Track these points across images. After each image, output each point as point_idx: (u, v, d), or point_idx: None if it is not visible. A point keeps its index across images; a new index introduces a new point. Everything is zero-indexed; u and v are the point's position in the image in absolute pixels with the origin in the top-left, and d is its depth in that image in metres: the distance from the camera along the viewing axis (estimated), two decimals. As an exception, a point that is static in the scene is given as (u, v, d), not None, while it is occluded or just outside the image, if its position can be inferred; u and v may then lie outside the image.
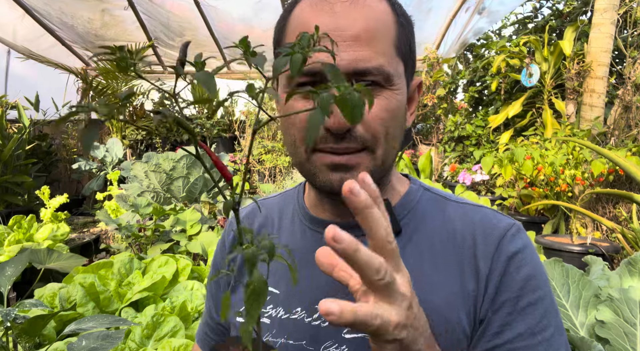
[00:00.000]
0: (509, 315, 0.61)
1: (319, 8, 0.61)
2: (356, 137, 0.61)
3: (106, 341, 0.88)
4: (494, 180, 4.39)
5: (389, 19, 0.62)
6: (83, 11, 5.78)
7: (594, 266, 1.73)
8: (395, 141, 0.64)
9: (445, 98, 5.59)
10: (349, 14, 0.59)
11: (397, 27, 0.63)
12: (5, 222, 3.21)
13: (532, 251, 0.65)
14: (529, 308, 0.61)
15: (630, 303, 1.35)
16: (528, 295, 0.61)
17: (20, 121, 5.06)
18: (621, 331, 1.33)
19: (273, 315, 0.69)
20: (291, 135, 0.65)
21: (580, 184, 3.59)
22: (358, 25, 0.59)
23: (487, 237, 0.65)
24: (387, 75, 0.61)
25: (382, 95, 0.62)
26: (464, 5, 5.37)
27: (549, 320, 0.61)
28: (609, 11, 4.20)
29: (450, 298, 0.62)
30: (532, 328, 0.60)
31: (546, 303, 0.62)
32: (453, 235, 0.66)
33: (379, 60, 0.60)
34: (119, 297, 1.83)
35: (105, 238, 3.89)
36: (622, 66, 4.81)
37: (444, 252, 0.65)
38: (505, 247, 0.63)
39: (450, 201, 0.71)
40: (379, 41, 0.60)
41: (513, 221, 0.67)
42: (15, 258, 1.13)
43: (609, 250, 2.74)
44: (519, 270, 0.62)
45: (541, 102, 4.98)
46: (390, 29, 0.62)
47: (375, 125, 0.61)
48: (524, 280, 0.62)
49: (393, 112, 0.62)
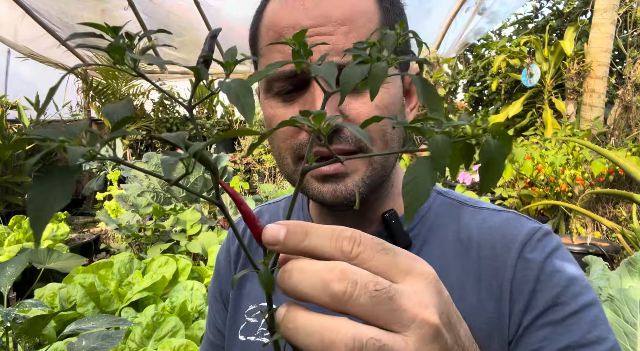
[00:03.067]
0: (546, 328, 0.51)
1: (289, 5, 0.55)
2: (346, 138, 0.54)
3: (106, 341, 0.88)
4: (494, 180, 4.39)
5: (369, 4, 0.56)
6: (83, 11, 5.78)
7: (594, 266, 1.73)
8: (394, 141, 0.57)
9: (446, 98, 5.59)
10: (320, 7, 0.53)
11: (380, 12, 0.56)
12: (5, 222, 3.22)
13: (566, 255, 0.56)
14: (572, 318, 0.51)
15: (630, 303, 1.35)
16: (569, 303, 0.52)
17: (20, 121, 5.06)
18: (621, 331, 1.33)
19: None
20: (276, 147, 0.59)
21: (580, 184, 3.59)
22: (334, 16, 0.53)
23: (509, 244, 0.56)
24: None
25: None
26: (464, 5, 5.37)
27: (601, 331, 0.51)
28: (609, 11, 4.20)
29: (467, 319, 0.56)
30: (578, 340, 0.50)
31: (594, 312, 0.52)
32: (468, 246, 0.58)
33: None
34: (119, 297, 1.83)
35: (105, 238, 3.89)
36: (622, 66, 4.81)
37: (457, 265, 0.57)
38: (531, 254, 0.55)
39: (466, 206, 0.63)
40: (359, 31, 0.54)
41: (539, 225, 0.59)
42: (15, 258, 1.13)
43: (609, 250, 2.74)
44: (551, 277, 0.53)
45: (541, 102, 4.98)
46: (372, 15, 0.55)
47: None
48: (561, 287, 0.53)
49: (387, 108, 0.55)
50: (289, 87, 0.56)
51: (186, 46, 6.64)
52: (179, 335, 1.54)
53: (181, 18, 5.94)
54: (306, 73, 0.53)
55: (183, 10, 5.75)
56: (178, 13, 5.83)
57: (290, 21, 0.54)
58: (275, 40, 0.55)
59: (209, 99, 6.74)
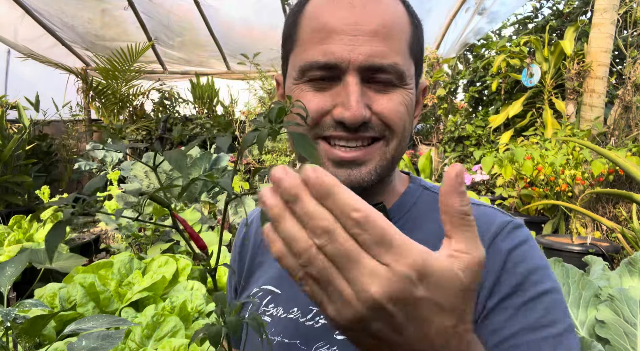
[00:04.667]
0: (507, 311, 0.57)
1: (336, 2, 0.60)
2: (373, 127, 0.61)
3: (106, 341, 0.88)
4: (494, 180, 4.39)
5: (405, 19, 0.63)
6: (83, 11, 5.78)
7: (594, 266, 1.73)
8: (405, 138, 0.64)
9: (446, 99, 5.59)
10: (367, 10, 0.59)
11: (411, 28, 0.63)
12: (5, 222, 3.22)
13: (532, 247, 0.62)
14: (530, 303, 0.57)
15: (630, 303, 1.35)
16: (529, 289, 0.58)
17: (20, 121, 5.06)
18: (621, 331, 1.33)
19: (273, 313, 0.70)
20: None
21: (580, 184, 3.59)
22: (376, 21, 0.59)
23: (482, 235, 0.61)
24: (401, 74, 0.60)
25: (397, 92, 0.62)
26: (464, 5, 5.37)
27: (556, 315, 0.57)
28: (609, 11, 4.20)
29: None
30: (534, 323, 0.56)
31: (551, 298, 0.58)
32: None
33: (394, 58, 0.59)
34: (119, 297, 1.83)
35: (105, 238, 3.89)
36: (622, 66, 4.81)
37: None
38: (500, 244, 0.61)
39: None
40: (395, 39, 0.60)
41: (511, 218, 0.65)
42: (15, 258, 1.13)
43: (609, 250, 2.74)
44: (516, 266, 0.59)
45: (541, 102, 4.98)
46: (405, 29, 0.62)
47: (392, 116, 0.61)
48: (523, 275, 0.58)
49: (407, 108, 0.63)
50: (323, 76, 0.61)
51: (186, 46, 6.64)
52: (179, 335, 1.54)
53: (181, 18, 5.94)
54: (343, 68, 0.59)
55: (183, 10, 5.75)
56: (178, 13, 5.83)
57: (335, 18, 0.59)
58: (318, 32, 0.60)
59: (209, 99, 6.73)
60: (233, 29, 6.12)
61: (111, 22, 6.01)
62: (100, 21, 5.99)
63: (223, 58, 6.74)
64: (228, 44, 6.38)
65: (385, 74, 0.60)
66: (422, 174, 5.02)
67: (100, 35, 6.19)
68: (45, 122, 5.66)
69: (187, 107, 6.88)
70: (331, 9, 0.60)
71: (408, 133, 0.65)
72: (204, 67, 6.99)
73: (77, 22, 5.92)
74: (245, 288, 0.78)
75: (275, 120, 0.41)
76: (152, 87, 6.62)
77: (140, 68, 6.01)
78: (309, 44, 0.61)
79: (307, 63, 0.61)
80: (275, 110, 0.41)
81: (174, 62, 6.94)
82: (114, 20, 5.98)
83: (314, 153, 0.41)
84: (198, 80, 6.64)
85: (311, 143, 0.42)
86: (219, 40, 6.30)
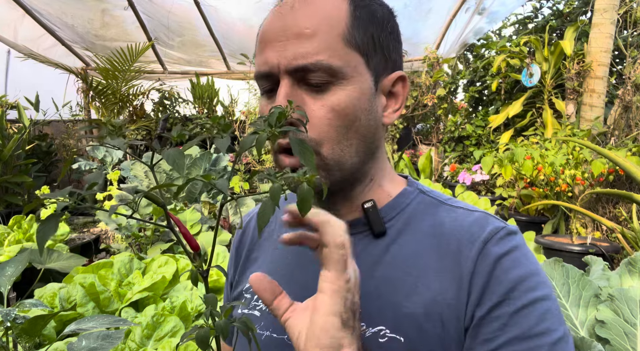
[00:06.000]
0: (498, 320, 0.56)
1: (275, 12, 0.63)
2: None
3: (106, 341, 0.88)
4: (494, 180, 4.39)
5: (338, 13, 0.61)
6: (83, 11, 5.78)
7: (594, 266, 1.73)
8: (352, 140, 0.61)
9: (446, 99, 5.59)
10: (295, 13, 0.61)
11: (350, 19, 0.61)
12: (5, 222, 3.22)
13: (524, 253, 0.61)
14: (523, 311, 0.56)
15: (630, 303, 1.35)
16: (520, 297, 0.56)
17: (20, 121, 5.05)
18: (621, 331, 1.33)
19: (263, 308, 0.70)
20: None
21: (580, 184, 3.59)
22: (302, 22, 0.60)
23: (473, 241, 0.61)
24: (330, 69, 0.59)
25: (333, 91, 0.60)
26: (464, 5, 5.37)
27: (550, 323, 0.55)
28: (609, 11, 4.20)
29: (429, 306, 0.58)
30: (527, 331, 0.55)
31: (545, 306, 0.56)
32: (439, 239, 0.63)
33: (317, 56, 0.58)
34: (119, 297, 1.83)
35: (105, 238, 3.89)
36: (622, 66, 4.81)
37: (427, 254, 0.62)
38: (490, 250, 0.59)
39: (444, 205, 0.68)
40: (322, 36, 0.59)
41: (505, 224, 0.63)
42: (15, 258, 1.13)
43: (609, 250, 2.74)
44: (507, 272, 0.58)
45: (541, 102, 4.98)
46: (339, 22, 0.60)
47: (321, 126, 0.60)
48: (514, 282, 0.57)
49: (343, 110, 0.60)
50: (269, 85, 0.63)
51: (186, 46, 6.64)
52: (179, 335, 1.54)
53: (181, 18, 5.93)
54: (276, 74, 0.61)
55: (183, 10, 5.75)
56: (178, 13, 5.83)
57: (272, 28, 0.62)
58: (259, 43, 0.64)
59: (209, 99, 6.73)
60: (233, 29, 6.12)
61: (111, 22, 6.01)
62: (100, 21, 5.99)
63: (223, 58, 6.74)
64: (228, 44, 6.39)
65: (314, 73, 0.59)
66: (422, 174, 5.02)
67: (100, 35, 6.19)
68: (45, 122, 5.65)
69: (187, 107, 6.87)
70: (270, 20, 0.63)
71: (357, 135, 0.62)
72: (204, 67, 6.99)
73: (77, 22, 5.91)
74: (239, 283, 0.79)
75: (275, 124, 0.41)
76: (152, 87, 6.61)
77: (140, 68, 6.00)
78: (257, 57, 0.65)
79: (255, 75, 0.65)
80: (275, 114, 0.41)
81: (174, 62, 6.94)
82: (114, 20, 5.98)
83: (311, 160, 0.41)
84: (198, 80, 6.64)
85: (309, 149, 0.42)
86: (219, 40, 6.30)
